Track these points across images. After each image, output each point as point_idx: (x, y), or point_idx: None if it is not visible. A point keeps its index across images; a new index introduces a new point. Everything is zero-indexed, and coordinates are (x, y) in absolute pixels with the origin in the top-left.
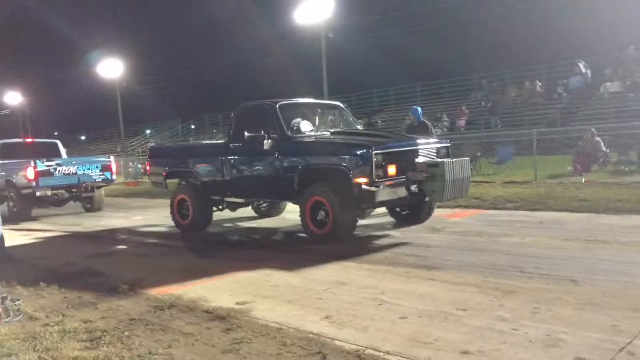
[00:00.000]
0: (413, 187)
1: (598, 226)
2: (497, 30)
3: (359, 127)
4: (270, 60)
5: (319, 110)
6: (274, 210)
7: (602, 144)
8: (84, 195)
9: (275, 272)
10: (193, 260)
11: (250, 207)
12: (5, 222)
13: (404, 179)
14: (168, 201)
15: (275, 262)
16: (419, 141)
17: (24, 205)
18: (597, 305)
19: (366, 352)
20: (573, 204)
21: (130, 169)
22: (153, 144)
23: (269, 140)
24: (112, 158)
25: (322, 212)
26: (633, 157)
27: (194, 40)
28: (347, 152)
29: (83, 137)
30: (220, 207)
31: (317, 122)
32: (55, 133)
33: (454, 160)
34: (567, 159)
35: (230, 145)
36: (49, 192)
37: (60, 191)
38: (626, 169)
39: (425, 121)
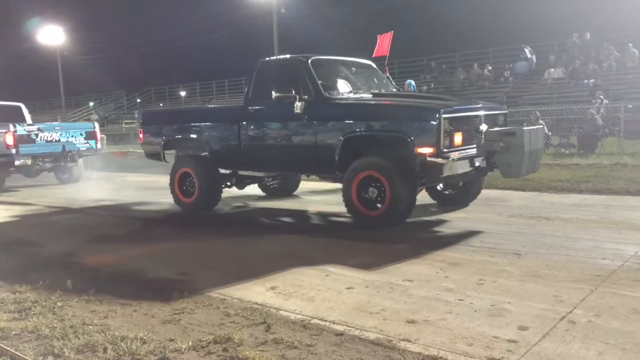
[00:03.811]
0: (478, 161)
1: (541, 204)
2: (447, 12)
3: (395, 90)
4: (219, 34)
5: (353, 69)
6: (285, 188)
7: (545, 127)
8: (69, 165)
9: (220, 244)
10: (136, 231)
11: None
12: None
13: (475, 150)
14: (117, 174)
15: (221, 235)
16: (485, 106)
17: None
18: (540, 277)
19: (312, 322)
20: (517, 182)
21: None
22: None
23: (301, 102)
24: (96, 125)
25: (374, 190)
26: (573, 140)
27: (139, 11)
28: (408, 116)
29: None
30: (229, 182)
31: (352, 83)
32: None
33: (531, 128)
34: None
35: (250, 108)
36: (29, 161)
37: (40, 160)
38: (566, 152)
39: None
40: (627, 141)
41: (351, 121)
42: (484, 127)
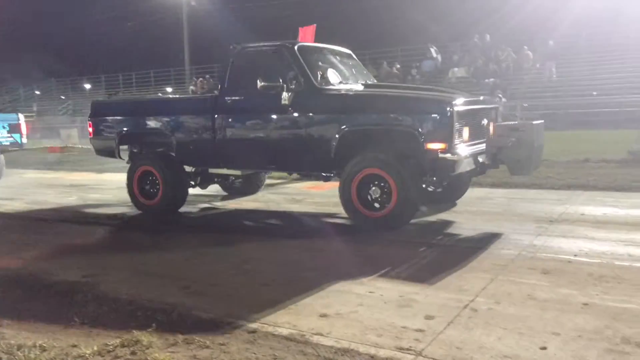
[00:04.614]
0: (482, 157)
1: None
2: (357, 11)
3: (375, 80)
4: (127, 25)
5: (338, 57)
6: (249, 186)
7: None
8: None
9: (129, 244)
10: (37, 232)
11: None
12: None
13: (481, 146)
14: (13, 170)
15: (129, 235)
16: (486, 99)
17: None
18: (446, 267)
19: (224, 320)
20: None
21: None
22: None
23: (289, 93)
24: (21, 116)
25: (376, 190)
26: None
27: None
28: (417, 108)
29: None
30: (193, 182)
31: (340, 72)
32: None
33: (536, 122)
34: None
35: (226, 99)
36: None
37: None
38: None
39: None
40: None
41: (350, 114)
42: (485, 121)
